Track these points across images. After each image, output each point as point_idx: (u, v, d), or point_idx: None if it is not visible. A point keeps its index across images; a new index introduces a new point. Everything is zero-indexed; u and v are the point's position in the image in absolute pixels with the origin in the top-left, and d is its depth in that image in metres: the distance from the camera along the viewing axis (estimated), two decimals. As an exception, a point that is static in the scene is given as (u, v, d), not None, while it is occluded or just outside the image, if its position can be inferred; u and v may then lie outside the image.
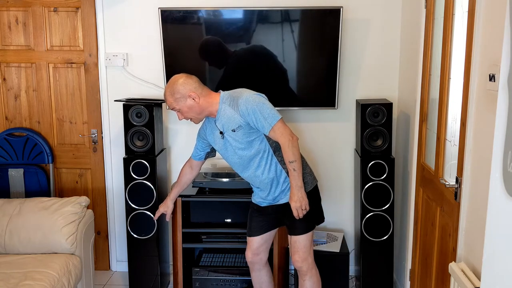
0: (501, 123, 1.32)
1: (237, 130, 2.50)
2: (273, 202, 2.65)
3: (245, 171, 2.62)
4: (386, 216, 3.11)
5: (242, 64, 3.33)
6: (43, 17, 3.48)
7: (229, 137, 2.54)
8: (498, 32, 1.78)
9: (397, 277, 3.39)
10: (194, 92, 2.50)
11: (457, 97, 2.29)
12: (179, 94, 2.49)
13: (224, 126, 2.54)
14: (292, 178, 2.49)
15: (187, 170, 2.88)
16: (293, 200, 2.50)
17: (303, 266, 2.64)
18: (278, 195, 2.62)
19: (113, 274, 3.73)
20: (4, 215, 2.96)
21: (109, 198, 3.68)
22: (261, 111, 2.44)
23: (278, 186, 2.59)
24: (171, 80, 2.54)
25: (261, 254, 2.79)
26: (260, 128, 2.47)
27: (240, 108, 2.46)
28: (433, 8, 2.63)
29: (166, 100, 2.54)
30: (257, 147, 2.53)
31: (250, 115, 2.45)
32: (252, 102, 2.45)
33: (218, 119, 2.55)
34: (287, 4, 3.25)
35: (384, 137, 3.08)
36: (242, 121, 2.47)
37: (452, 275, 2.03)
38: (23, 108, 3.61)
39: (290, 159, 2.46)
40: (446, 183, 2.29)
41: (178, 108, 2.52)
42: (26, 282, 2.54)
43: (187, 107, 2.51)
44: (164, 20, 3.23)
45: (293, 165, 2.47)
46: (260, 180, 2.59)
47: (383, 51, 3.39)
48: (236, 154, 2.57)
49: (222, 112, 2.53)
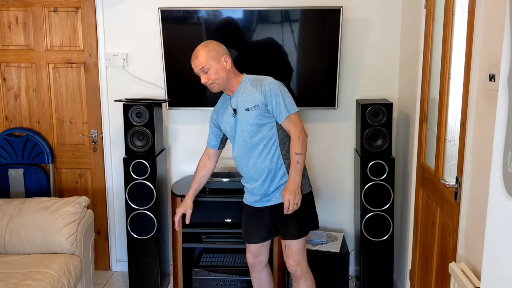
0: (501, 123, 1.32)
1: (252, 110, 2.51)
2: (265, 200, 2.62)
3: (244, 157, 2.59)
4: (386, 216, 3.11)
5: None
6: (43, 17, 3.48)
7: (241, 117, 2.55)
8: (498, 32, 1.78)
9: (397, 277, 3.39)
10: (228, 57, 2.53)
11: (457, 97, 2.29)
12: (215, 52, 2.50)
13: (239, 104, 2.55)
14: (293, 170, 2.48)
15: (205, 161, 2.84)
16: (288, 191, 2.46)
17: (297, 270, 2.63)
18: (272, 192, 2.60)
19: (113, 274, 3.73)
20: (4, 215, 2.96)
21: (109, 198, 3.68)
22: (283, 97, 2.49)
23: (274, 181, 2.57)
24: (205, 42, 2.57)
25: (261, 256, 2.79)
26: (277, 112, 2.49)
27: (264, 88, 2.49)
28: (433, 8, 2.63)
29: (197, 57, 2.51)
30: (266, 132, 2.53)
31: (272, 96, 2.48)
32: (277, 86, 2.51)
33: (235, 96, 2.58)
34: (287, 4, 3.25)
35: (384, 137, 3.08)
36: (261, 101, 2.49)
37: (452, 275, 2.03)
38: (23, 108, 3.61)
39: (297, 151, 2.47)
40: (446, 183, 2.29)
41: (208, 67, 2.50)
42: (26, 282, 2.54)
43: (216, 69, 2.50)
44: (164, 20, 3.23)
45: (298, 157, 2.47)
46: (257, 168, 2.57)
47: (383, 51, 3.39)
48: (242, 136, 2.57)
49: (242, 89, 2.56)
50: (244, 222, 2.79)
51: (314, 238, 3.32)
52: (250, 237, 2.75)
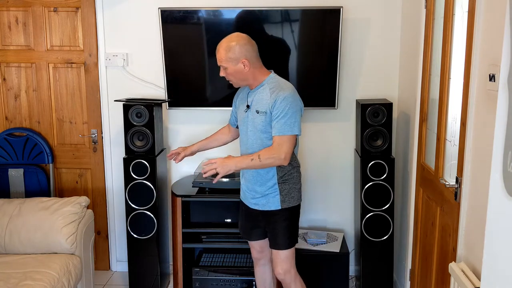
0: (501, 123, 1.32)
1: (260, 115, 2.47)
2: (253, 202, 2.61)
3: (243, 152, 2.61)
4: (386, 216, 3.11)
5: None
6: (43, 17, 3.48)
7: (251, 115, 2.53)
8: (498, 32, 1.78)
9: (397, 277, 3.39)
10: (248, 60, 2.44)
11: (457, 97, 2.29)
12: (233, 54, 2.44)
13: (253, 103, 2.52)
14: (244, 158, 2.46)
15: (225, 129, 2.87)
16: (221, 161, 2.43)
17: (285, 278, 2.62)
18: (259, 197, 2.57)
19: (113, 274, 3.73)
20: (4, 215, 2.96)
21: (109, 198, 3.68)
22: (288, 115, 2.40)
23: (262, 186, 2.55)
24: (233, 35, 2.48)
25: (266, 251, 2.79)
26: (273, 124, 2.43)
27: (277, 97, 2.42)
28: (433, 8, 2.63)
29: (218, 52, 2.47)
30: (265, 141, 2.49)
31: (278, 108, 2.40)
32: (291, 101, 2.41)
33: (253, 93, 2.53)
34: (287, 4, 3.25)
35: (384, 137, 3.08)
36: (269, 109, 2.44)
37: (452, 275, 2.03)
38: (23, 108, 3.61)
39: (262, 156, 2.41)
40: (446, 183, 2.29)
41: (225, 65, 2.46)
42: (26, 282, 2.54)
43: (234, 70, 2.46)
44: (164, 20, 3.23)
45: (255, 159, 2.41)
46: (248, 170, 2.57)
47: (383, 51, 3.39)
48: (246, 133, 2.56)
49: (261, 90, 2.50)
50: (240, 220, 2.80)
51: (314, 238, 3.32)
52: (248, 235, 2.76)
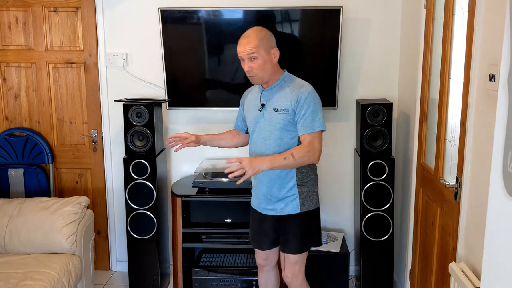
0: (501, 123, 1.32)
1: (280, 112, 2.39)
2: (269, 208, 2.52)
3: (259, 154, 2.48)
4: (386, 216, 3.11)
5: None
6: (43, 17, 3.48)
7: (267, 115, 2.43)
8: (498, 32, 1.78)
9: (397, 277, 3.39)
10: (277, 50, 2.38)
11: (457, 97, 2.29)
12: (267, 41, 2.34)
13: (269, 101, 2.43)
14: (276, 157, 2.32)
15: (234, 132, 2.74)
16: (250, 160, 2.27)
17: (292, 282, 2.58)
18: (277, 202, 2.49)
19: (113, 274, 3.73)
20: (4, 215, 2.96)
21: (109, 198, 3.68)
22: (315, 111, 2.36)
23: (281, 190, 2.46)
24: (257, 27, 2.39)
25: (270, 258, 2.73)
26: (300, 123, 2.36)
27: (300, 94, 2.36)
28: (433, 8, 2.63)
29: (248, 41, 2.32)
30: (287, 140, 2.41)
31: (303, 105, 2.34)
32: (314, 97, 2.38)
33: (268, 90, 2.45)
34: (287, 4, 3.25)
35: (384, 137, 3.08)
36: (292, 107, 2.37)
37: (452, 275, 2.03)
38: (23, 108, 3.61)
39: (295, 154, 2.31)
40: (446, 183, 2.29)
41: (257, 55, 2.32)
42: (26, 282, 2.54)
43: (263, 60, 2.34)
44: (164, 20, 3.23)
45: (290, 158, 2.31)
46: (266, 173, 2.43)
47: (383, 51, 3.39)
48: (262, 134, 2.45)
49: (277, 88, 2.43)
50: (251, 227, 2.71)
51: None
52: (257, 243, 2.68)
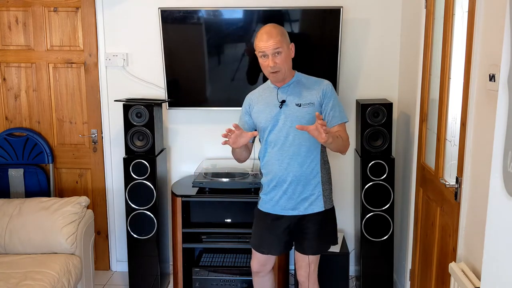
0: (501, 123, 1.32)
1: (304, 107, 2.39)
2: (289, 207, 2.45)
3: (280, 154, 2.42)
4: (386, 216, 3.11)
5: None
6: (43, 17, 3.48)
7: (289, 111, 2.40)
8: (498, 32, 1.78)
9: (397, 277, 3.39)
10: (293, 46, 2.44)
11: (457, 97, 2.29)
12: (286, 37, 2.39)
13: (289, 97, 2.42)
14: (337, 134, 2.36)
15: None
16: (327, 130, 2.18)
17: (305, 281, 2.56)
18: (300, 201, 2.44)
19: (113, 274, 3.73)
20: (4, 215, 2.96)
21: (109, 198, 3.68)
22: (339, 103, 2.48)
23: (305, 189, 2.43)
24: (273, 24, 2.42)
25: (268, 264, 2.67)
26: (329, 115, 2.42)
27: (324, 86, 2.44)
28: (433, 8, 2.63)
29: (271, 37, 2.32)
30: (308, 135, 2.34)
31: (331, 97, 2.43)
32: (334, 91, 2.50)
33: (286, 87, 2.44)
34: (287, 4, 3.25)
35: (384, 137, 3.08)
36: (318, 100, 2.41)
37: (452, 275, 2.03)
38: (23, 108, 3.61)
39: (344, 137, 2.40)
40: (446, 183, 2.29)
41: (281, 49, 2.33)
42: (26, 282, 2.54)
43: (286, 54, 2.37)
44: (164, 20, 3.23)
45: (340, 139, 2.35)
46: (292, 169, 2.40)
47: (383, 51, 3.39)
48: (284, 131, 2.40)
49: (295, 84, 2.45)
50: (257, 230, 2.61)
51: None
52: (262, 247, 2.59)
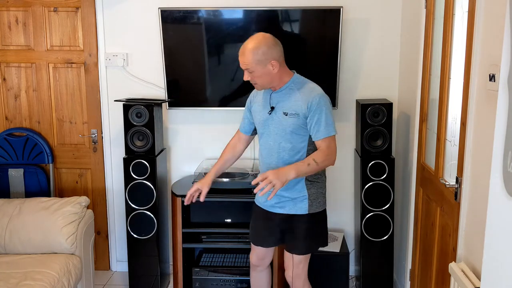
0: (501, 123, 1.32)
1: (290, 116, 2.37)
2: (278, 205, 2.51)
3: (269, 157, 2.48)
4: (386, 216, 3.11)
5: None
6: (43, 17, 3.48)
7: (277, 118, 2.41)
8: (498, 32, 1.78)
9: (397, 277, 3.39)
10: (276, 61, 2.32)
11: (457, 97, 2.29)
12: (262, 57, 2.29)
13: (279, 104, 2.41)
14: (298, 165, 2.30)
15: (235, 142, 2.68)
16: (275, 172, 2.23)
17: (295, 282, 2.59)
18: (286, 201, 2.48)
19: (113, 274, 3.73)
20: (4, 215, 2.96)
21: (109, 198, 3.68)
22: (327, 116, 2.35)
23: (291, 191, 2.46)
24: (259, 36, 2.33)
25: (266, 258, 2.74)
26: (313, 129, 2.36)
27: (311, 98, 2.34)
28: (433, 8, 2.63)
29: (243, 56, 2.31)
30: (296, 144, 2.41)
31: (316, 111, 2.33)
32: (325, 101, 2.36)
33: (277, 94, 2.42)
34: (287, 4, 3.25)
35: (384, 137, 3.08)
36: (303, 112, 2.35)
37: (452, 275, 2.03)
38: (23, 108, 3.61)
39: (317, 159, 2.32)
40: (446, 183, 2.29)
41: (253, 69, 2.32)
42: (26, 282, 2.54)
43: (261, 72, 2.32)
44: (164, 20, 3.23)
45: (313, 164, 2.30)
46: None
47: (383, 51, 3.39)
48: (271, 136, 2.45)
49: (287, 90, 2.40)
50: (253, 224, 2.70)
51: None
52: (258, 240, 2.67)
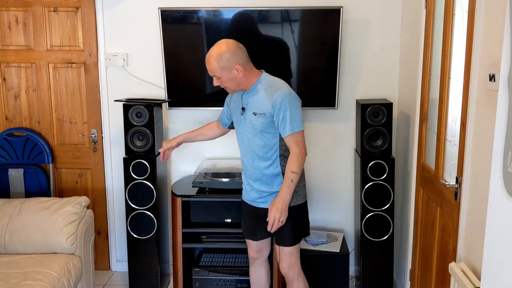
0: (501, 123, 1.32)
1: (258, 116, 2.46)
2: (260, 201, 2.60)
3: (246, 154, 2.60)
4: (386, 216, 3.11)
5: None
6: (43, 17, 3.48)
7: (248, 118, 2.52)
8: (498, 32, 1.78)
9: (397, 277, 3.39)
10: (241, 66, 2.42)
11: (457, 97, 2.29)
12: (226, 63, 2.40)
13: (249, 105, 2.51)
14: (285, 187, 2.44)
15: (213, 125, 2.89)
16: (275, 207, 2.44)
17: (289, 273, 2.64)
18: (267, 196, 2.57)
19: (113, 274, 3.73)
20: (4, 215, 2.96)
21: (109, 198, 3.68)
22: (291, 113, 2.41)
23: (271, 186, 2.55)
24: (221, 44, 2.43)
25: (264, 250, 2.81)
26: (280, 127, 2.43)
27: (274, 98, 2.41)
28: (433, 8, 2.63)
29: (209, 63, 2.43)
30: (268, 141, 2.50)
31: (280, 110, 2.40)
32: (289, 99, 2.41)
33: (247, 95, 2.52)
34: (287, 4, 3.25)
35: (384, 137, 3.08)
36: (269, 111, 2.43)
37: (452, 275, 2.03)
38: (23, 108, 3.61)
39: (294, 169, 2.43)
40: (446, 183, 2.29)
41: (219, 76, 2.44)
42: (26, 282, 2.54)
43: (227, 78, 2.44)
44: (164, 20, 3.23)
45: (293, 176, 2.43)
46: (256, 168, 2.55)
47: (383, 51, 3.39)
48: (246, 135, 2.55)
49: (254, 91, 2.49)
50: (242, 219, 2.81)
51: (314, 238, 3.32)
52: (249, 234, 2.76)
